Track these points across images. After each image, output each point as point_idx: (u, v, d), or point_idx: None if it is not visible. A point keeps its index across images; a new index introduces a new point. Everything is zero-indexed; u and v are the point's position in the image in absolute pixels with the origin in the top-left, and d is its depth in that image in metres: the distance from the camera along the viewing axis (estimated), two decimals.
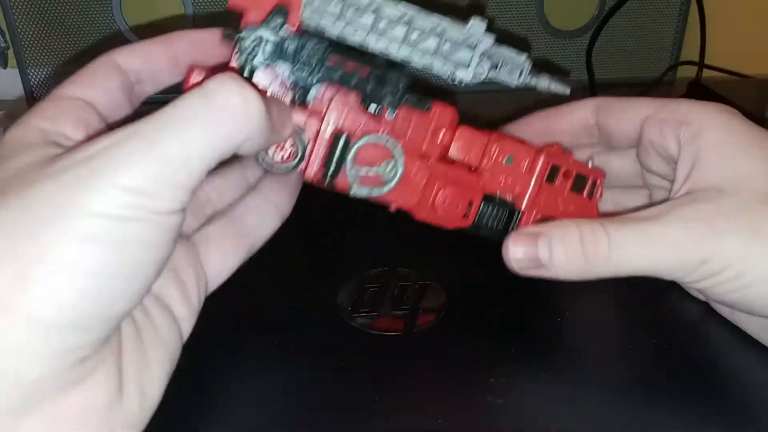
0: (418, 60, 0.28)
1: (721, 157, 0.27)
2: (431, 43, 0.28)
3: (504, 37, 0.29)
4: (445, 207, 0.30)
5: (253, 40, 0.28)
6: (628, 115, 0.31)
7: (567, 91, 0.31)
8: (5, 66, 0.73)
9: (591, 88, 0.70)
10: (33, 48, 0.75)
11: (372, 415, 0.27)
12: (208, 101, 0.21)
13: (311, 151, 0.28)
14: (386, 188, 0.29)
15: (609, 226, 0.26)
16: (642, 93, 0.71)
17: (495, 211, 0.31)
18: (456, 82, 0.29)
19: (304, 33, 0.28)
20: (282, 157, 0.28)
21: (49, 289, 0.19)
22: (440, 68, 0.28)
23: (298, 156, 0.28)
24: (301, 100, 0.28)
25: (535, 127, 0.35)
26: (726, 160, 0.26)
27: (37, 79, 0.77)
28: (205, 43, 0.30)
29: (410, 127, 0.29)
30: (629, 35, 0.78)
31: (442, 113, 0.30)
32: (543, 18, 0.77)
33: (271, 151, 0.28)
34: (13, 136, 0.23)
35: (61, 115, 0.24)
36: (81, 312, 0.19)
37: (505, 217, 0.31)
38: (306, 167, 0.28)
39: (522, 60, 0.29)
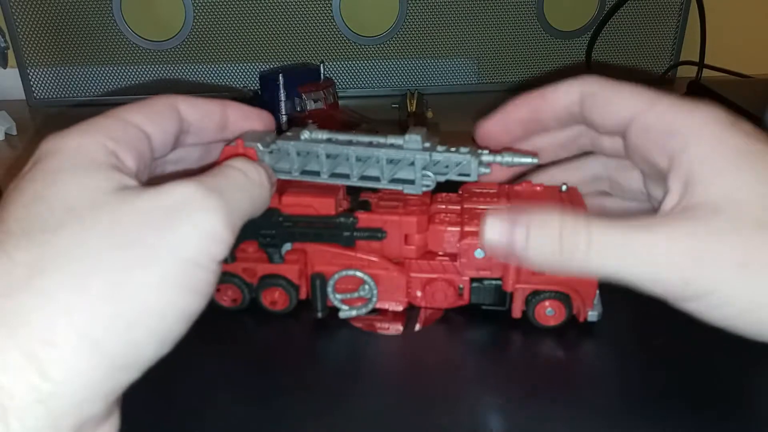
0: (371, 184, 0.30)
1: (713, 173, 0.25)
2: (375, 171, 0.30)
3: (504, 39, 0.29)
4: (436, 298, 0.32)
5: None
6: (614, 110, 0.29)
7: (535, 161, 0.30)
8: (5, 66, 0.73)
9: None
10: (33, 48, 0.75)
11: (372, 415, 0.27)
12: (244, 176, 0.25)
13: (304, 296, 0.32)
14: (371, 305, 0.32)
15: (593, 224, 0.24)
16: None
17: (488, 290, 0.31)
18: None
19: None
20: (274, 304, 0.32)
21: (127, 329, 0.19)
22: (391, 187, 0.30)
23: (290, 303, 0.32)
24: (278, 260, 0.32)
25: (520, 116, 0.33)
26: (717, 177, 0.25)
27: (37, 79, 0.77)
28: (252, 119, 0.31)
29: (380, 248, 0.32)
30: (629, 35, 0.79)
31: (404, 224, 0.31)
32: (543, 18, 0.78)
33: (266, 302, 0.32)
34: (79, 146, 0.22)
35: (127, 141, 0.24)
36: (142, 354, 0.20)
37: (499, 291, 0.31)
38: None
39: (466, 158, 0.29)
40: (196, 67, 0.76)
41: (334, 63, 0.76)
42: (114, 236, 0.19)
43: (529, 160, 0.30)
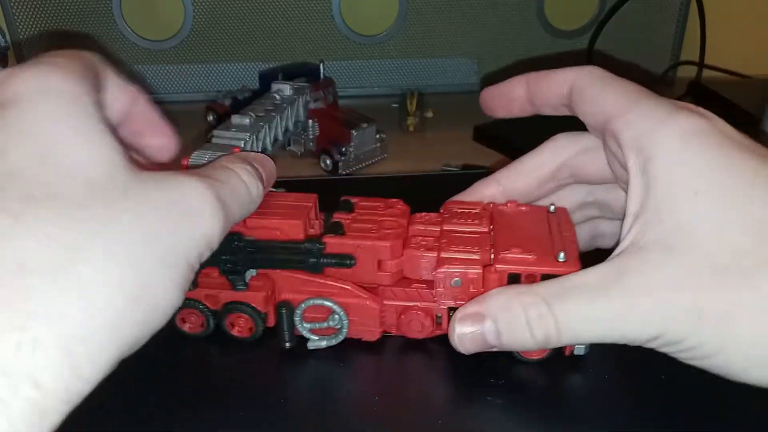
0: None
1: (669, 203, 0.23)
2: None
3: (504, 38, 0.29)
4: (412, 327, 0.30)
5: None
6: (595, 109, 0.28)
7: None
8: (5, 66, 0.73)
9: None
10: (33, 48, 0.75)
11: (372, 415, 0.27)
12: (246, 189, 0.25)
13: (270, 323, 0.31)
14: (341, 335, 0.30)
15: (554, 304, 0.24)
16: None
17: None
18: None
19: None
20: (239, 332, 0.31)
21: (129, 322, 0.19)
22: None
23: (256, 331, 0.30)
24: (242, 287, 0.30)
25: (518, 94, 0.32)
26: (673, 208, 0.23)
27: None
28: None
29: (352, 274, 0.30)
30: (629, 35, 0.78)
31: (376, 249, 0.29)
32: (543, 18, 0.77)
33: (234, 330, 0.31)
34: (70, 92, 0.20)
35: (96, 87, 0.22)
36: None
37: None
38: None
39: None
40: (196, 67, 0.76)
41: (334, 62, 0.76)
42: (139, 229, 0.19)
43: None
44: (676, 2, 0.79)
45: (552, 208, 0.31)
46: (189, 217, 0.21)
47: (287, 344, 0.30)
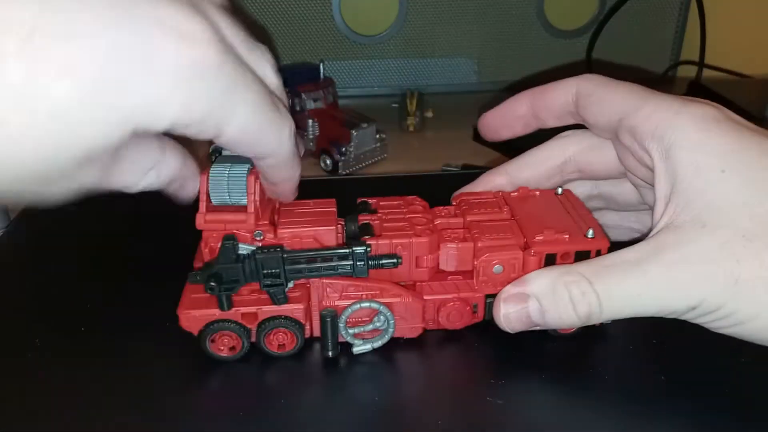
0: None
1: (698, 183, 0.25)
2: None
3: (504, 38, 0.29)
4: (452, 319, 0.30)
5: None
6: (604, 110, 0.29)
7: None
8: None
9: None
10: None
11: (373, 415, 0.27)
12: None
13: (309, 334, 0.30)
14: (387, 336, 0.30)
15: (596, 282, 0.26)
16: None
17: None
18: None
19: (254, 253, 0.28)
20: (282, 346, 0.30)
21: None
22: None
23: (297, 344, 0.29)
24: (283, 300, 0.29)
25: (520, 112, 0.33)
26: (703, 188, 0.25)
27: None
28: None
29: (390, 273, 0.30)
30: (629, 35, 0.78)
31: (415, 246, 0.29)
32: (543, 18, 0.77)
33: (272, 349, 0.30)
34: None
35: None
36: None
37: None
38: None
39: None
40: None
41: (334, 62, 0.76)
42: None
43: None
44: (676, 2, 0.79)
45: (559, 190, 0.33)
46: (141, 75, 0.20)
47: (330, 353, 0.30)
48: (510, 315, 0.28)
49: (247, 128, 0.23)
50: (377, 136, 0.58)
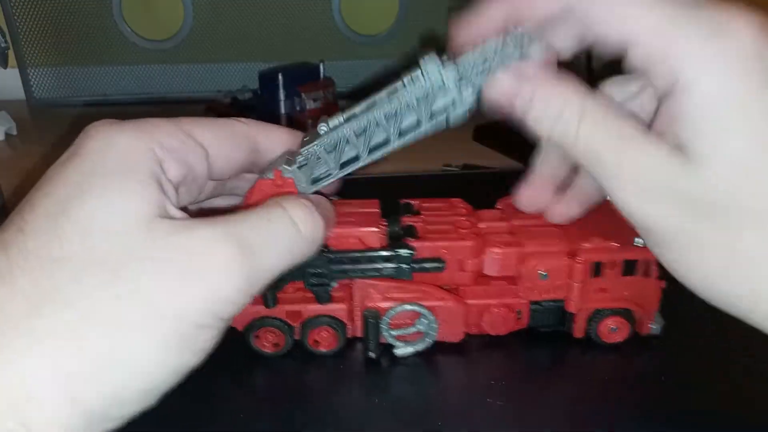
0: (414, 139, 0.28)
1: (714, 129, 0.22)
2: (411, 119, 0.27)
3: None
4: (496, 325, 0.30)
5: None
6: (609, 29, 0.24)
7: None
8: (5, 66, 0.73)
9: (591, 88, 0.70)
10: (33, 48, 0.75)
11: (372, 415, 0.27)
12: (296, 230, 0.23)
13: (350, 334, 0.30)
14: (429, 339, 0.29)
15: (586, 120, 0.23)
16: None
17: (548, 312, 0.30)
18: (457, 123, 0.28)
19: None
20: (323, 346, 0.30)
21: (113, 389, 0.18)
22: (435, 127, 0.27)
23: (339, 343, 0.29)
24: (327, 300, 0.29)
25: (495, 25, 0.27)
26: (719, 137, 0.22)
27: (37, 79, 0.77)
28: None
29: (434, 277, 0.29)
30: None
31: (459, 250, 0.29)
32: None
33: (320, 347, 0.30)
34: (127, 148, 0.21)
35: (177, 149, 0.22)
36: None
37: (560, 312, 0.29)
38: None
39: (495, 44, 0.25)
40: (196, 66, 0.76)
41: (334, 62, 0.76)
42: (118, 283, 0.18)
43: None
44: None
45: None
46: (190, 270, 0.19)
47: (373, 354, 0.29)
48: (502, 84, 0.25)
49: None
50: None
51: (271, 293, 0.28)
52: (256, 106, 0.64)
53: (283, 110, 0.62)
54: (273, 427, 0.26)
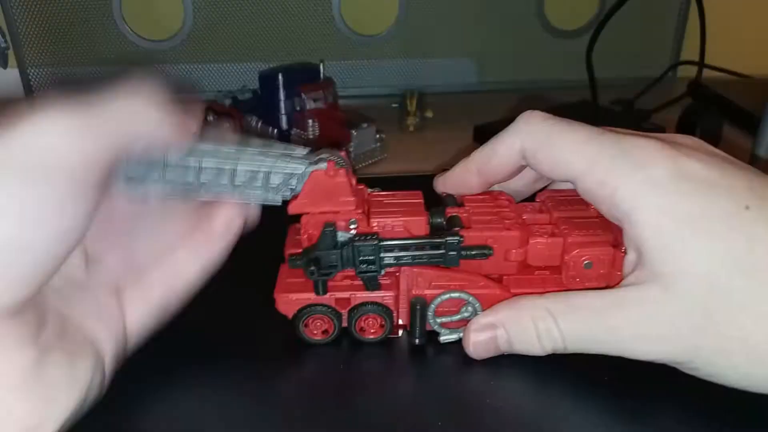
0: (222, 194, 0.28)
1: (661, 251, 0.25)
2: (246, 178, 0.28)
3: (504, 38, 0.29)
4: None
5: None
6: (554, 171, 0.29)
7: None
8: (5, 66, 0.73)
9: (591, 88, 0.70)
10: (33, 48, 0.75)
11: (373, 415, 0.27)
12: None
13: (396, 322, 0.30)
14: None
15: (561, 321, 0.26)
16: (642, 93, 0.71)
17: None
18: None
19: (352, 240, 0.29)
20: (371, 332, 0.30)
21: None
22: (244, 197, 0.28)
23: (386, 330, 0.30)
24: (375, 287, 0.30)
25: (470, 178, 0.32)
26: (665, 256, 0.25)
27: (37, 79, 0.77)
28: None
29: (479, 266, 0.30)
30: (629, 35, 0.78)
31: (506, 239, 0.30)
32: (543, 18, 0.77)
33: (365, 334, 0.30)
34: None
35: None
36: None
37: None
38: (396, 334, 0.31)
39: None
40: (196, 66, 0.76)
41: (334, 62, 0.76)
42: None
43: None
44: (676, 2, 0.79)
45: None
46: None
47: (418, 340, 0.30)
48: (479, 343, 0.28)
49: None
50: (377, 136, 0.58)
51: (322, 281, 0.29)
52: (256, 106, 0.64)
53: (283, 110, 0.62)
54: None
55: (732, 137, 0.63)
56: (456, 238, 0.29)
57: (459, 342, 0.30)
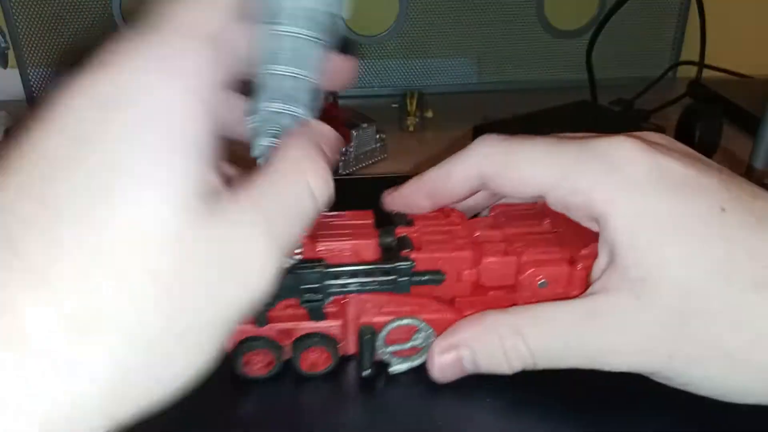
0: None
1: (633, 254, 0.24)
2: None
3: (504, 38, 0.28)
4: None
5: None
6: (519, 190, 0.27)
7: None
8: (5, 66, 0.73)
9: (591, 88, 0.70)
10: (33, 48, 0.75)
11: (372, 415, 0.27)
12: (314, 205, 0.21)
13: (343, 351, 0.29)
14: (426, 353, 0.28)
15: (528, 336, 0.25)
16: (642, 93, 0.71)
17: None
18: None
19: (294, 267, 0.27)
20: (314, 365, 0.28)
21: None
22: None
23: (333, 362, 0.28)
24: (320, 317, 0.28)
25: (420, 200, 0.30)
26: (638, 261, 0.24)
27: (37, 79, 0.77)
28: None
29: (430, 288, 0.28)
30: (629, 35, 0.78)
31: (458, 260, 0.28)
32: (543, 18, 0.77)
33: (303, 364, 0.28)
34: (170, 106, 0.18)
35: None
36: None
37: None
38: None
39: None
40: None
41: None
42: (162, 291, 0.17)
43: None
44: (676, 2, 0.79)
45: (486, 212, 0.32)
46: (230, 278, 0.18)
47: (367, 372, 0.29)
48: (444, 365, 0.27)
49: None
50: (377, 136, 0.58)
51: (262, 311, 0.27)
52: None
53: None
54: None
55: (732, 137, 0.63)
56: (407, 263, 0.27)
57: (409, 371, 0.29)
